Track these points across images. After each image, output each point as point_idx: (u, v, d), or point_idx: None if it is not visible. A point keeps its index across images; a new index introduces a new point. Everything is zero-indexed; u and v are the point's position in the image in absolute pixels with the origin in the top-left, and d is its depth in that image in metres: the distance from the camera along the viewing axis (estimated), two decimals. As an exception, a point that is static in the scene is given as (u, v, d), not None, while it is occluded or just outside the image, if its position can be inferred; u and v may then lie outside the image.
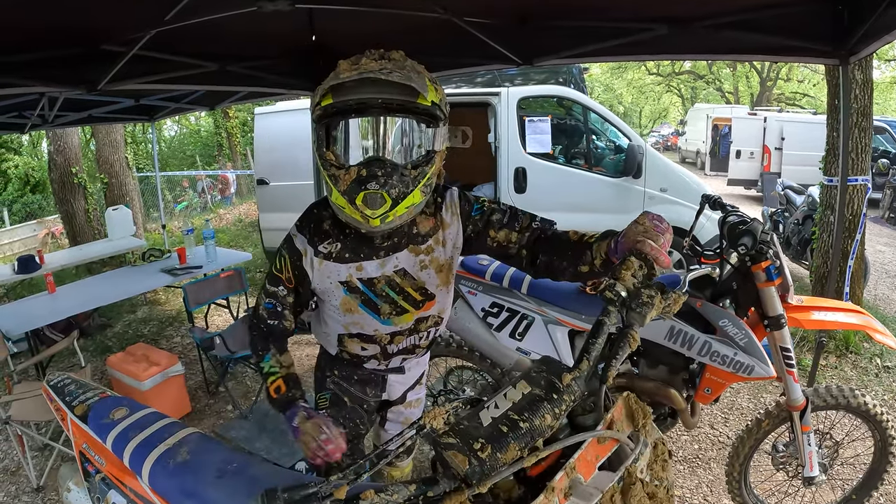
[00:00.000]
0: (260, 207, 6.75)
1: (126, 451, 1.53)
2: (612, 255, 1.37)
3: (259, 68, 3.88)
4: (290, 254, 1.61)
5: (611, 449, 1.07)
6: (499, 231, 1.61)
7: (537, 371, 1.01)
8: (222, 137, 18.34)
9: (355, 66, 1.40)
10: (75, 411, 1.74)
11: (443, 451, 0.90)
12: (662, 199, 5.63)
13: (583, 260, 1.45)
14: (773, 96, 24.77)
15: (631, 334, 1.06)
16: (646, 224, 1.26)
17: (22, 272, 5.56)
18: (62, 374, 1.98)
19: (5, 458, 3.68)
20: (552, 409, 0.93)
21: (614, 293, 1.09)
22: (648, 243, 1.20)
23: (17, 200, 15.98)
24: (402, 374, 1.98)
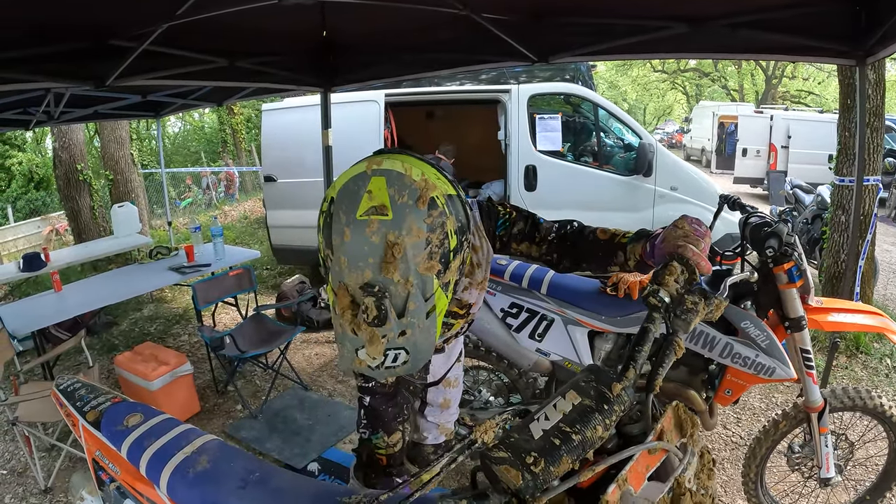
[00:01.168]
0: (267, 204, 6.70)
1: (142, 460, 1.48)
2: (648, 257, 1.38)
3: (269, 64, 3.85)
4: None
5: (660, 459, 1.06)
6: (520, 243, 1.63)
7: (586, 381, 0.99)
8: (226, 134, 18.29)
9: None
10: (87, 417, 1.69)
11: (494, 465, 0.88)
12: (673, 197, 5.60)
13: (614, 261, 1.46)
14: (778, 94, 24.72)
15: (676, 341, 1.05)
16: (685, 228, 1.28)
17: (27, 270, 5.53)
18: (72, 378, 1.93)
19: (12, 458, 3.64)
20: (603, 420, 0.92)
21: (658, 299, 1.08)
22: (690, 248, 1.21)
23: (21, 197, 16.01)
24: (443, 353, 2.01)
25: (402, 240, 1.13)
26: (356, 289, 1.15)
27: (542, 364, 2.70)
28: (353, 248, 1.13)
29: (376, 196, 1.15)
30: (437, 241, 1.18)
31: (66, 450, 3.29)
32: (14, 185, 16.48)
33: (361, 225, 1.13)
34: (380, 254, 1.13)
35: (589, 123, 6.19)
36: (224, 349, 3.94)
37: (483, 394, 2.96)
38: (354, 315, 1.16)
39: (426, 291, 1.18)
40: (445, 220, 1.20)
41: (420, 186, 1.18)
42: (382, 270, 1.13)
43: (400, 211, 1.14)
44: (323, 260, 1.25)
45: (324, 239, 1.21)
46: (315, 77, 4.32)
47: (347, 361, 1.23)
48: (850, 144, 5.11)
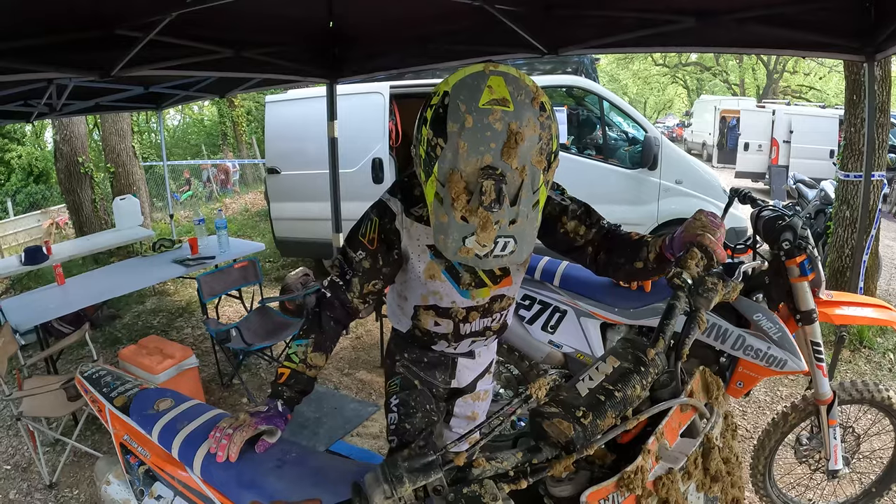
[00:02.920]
0: (270, 197, 6.68)
1: (175, 443, 1.49)
2: (667, 250, 1.44)
3: (275, 55, 3.82)
4: (381, 215, 1.60)
5: (690, 418, 1.18)
6: (571, 220, 1.62)
7: (623, 347, 1.11)
8: (227, 126, 18.25)
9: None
10: (115, 402, 1.69)
11: (546, 419, 0.98)
12: (677, 191, 5.57)
13: (639, 255, 1.52)
14: (779, 89, 24.71)
15: (699, 316, 1.18)
16: (703, 220, 1.38)
17: (29, 263, 5.50)
18: (97, 366, 1.92)
19: (16, 454, 3.63)
20: (640, 381, 1.03)
21: (682, 280, 1.21)
22: (707, 237, 1.32)
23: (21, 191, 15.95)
24: (472, 360, 1.97)
25: (523, 129, 1.20)
26: (474, 172, 1.21)
27: (554, 356, 2.68)
28: (474, 133, 1.19)
29: (497, 90, 1.22)
30: (545, 139, 1.26)
31: (70, 444, 3.28)
32: (14, 179, 16.46)
33: (484, 112, 1.20)
34: (502, 139, 1.19)
35: (593, 116, 6.17)
36: (230, 342, 3.92)
37: (493, 386, 2.94)
38: (468, 201, 1.22)
39: (535, 183, 1.26)
40: (551, 123, 1.29)
41: (533, 90, 1.27)
42: (503, 155, 1.20)
43: (520, 105, 1.22)
44: (425, 153, 1.29)
45: (431, 130, 1.26)
46: (321, 68, 4.29)
47: (452, 251, 1.28)
48: (855, 140, 5.11)
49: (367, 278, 1.62)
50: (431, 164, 1.27)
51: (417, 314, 1.78)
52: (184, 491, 1.51)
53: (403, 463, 0.97)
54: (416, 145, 1.37)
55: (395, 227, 1.59)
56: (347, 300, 1.64)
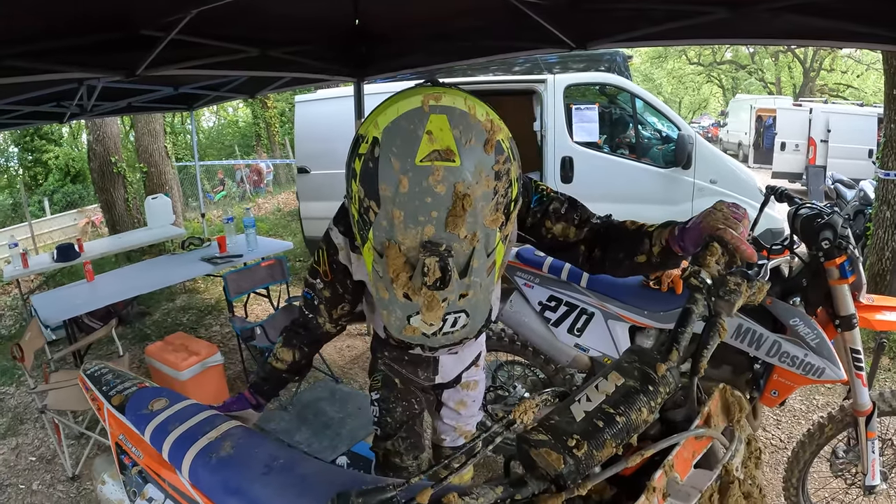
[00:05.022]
0: (300, 196, 6.70)
1: (165, 444, 1.45)
2: (675, 242, 1.27)
3: (300, 53, 3.78)
4: (328, 247, 1.52)
5: (706, 445, 1.00)
6: (556, 223, 1.46)
7: (629, 361, 0.94)
8: (260, 127, 18.47)
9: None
10: (112, 401, 1.66)
11: (533, 448, 0.82)
12: (712, 190, 5.42)
13: (640, 248, 1.35)
14: (816, 87, 24.16)
15: (720, 323, 1.01)
16: (724, 211, 1.19)
17: (61, 260, 5.60)
18: (99, 364, 1.91)
19: (41, 445, 3.69)
20: (648, 402, 0.87)
21: (700, 280, 1.03)
22: (729, 231, 1.13)
23: (58, 190, 16.31)
24: (455, 355, 1.90)
25: (472, 190, 0.99)
26: (413, 247, 1.02)
27: (580, 360, 2.60)
28: (411, 199, 0.98)
29: (438, 138, 0.98)
30: (502, 190, 1.05)
31: (94, 438, 3.29)
32: (51, 179, 16.83)
33: (423, 172, 0.97)
34: (446, 206, 0.98)
35: (625, 114, 6.04)
36: (255, 340, 3.91)
37: (518, 389, 2.87)
38: (409, 277, 1.04)
39: (489, 246, 1.07)
40: (510, 167, 1.06)
41: (486, 128, 1.02)
42: (448, 226, 0.99)
43: (468, 156, 0.99)
44: (358, 213, 1.08)
45: (362, 188, 1.04)
46: (347, 67, 4.25)
47: (397, 329, 1.13)
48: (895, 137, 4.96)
49: (333, 304, 1.59)
50: (366, 228, 1.07)
51: (389, 333, 1.75)
52: (173, 494, 1.47)
53: (358, 499, 0.82)
54: (346, 197, 1.15)
55: (339, 261, 1.50)
56: (319, 325, 1.64)
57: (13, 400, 4.39)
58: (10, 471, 3.46)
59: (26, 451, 3.66)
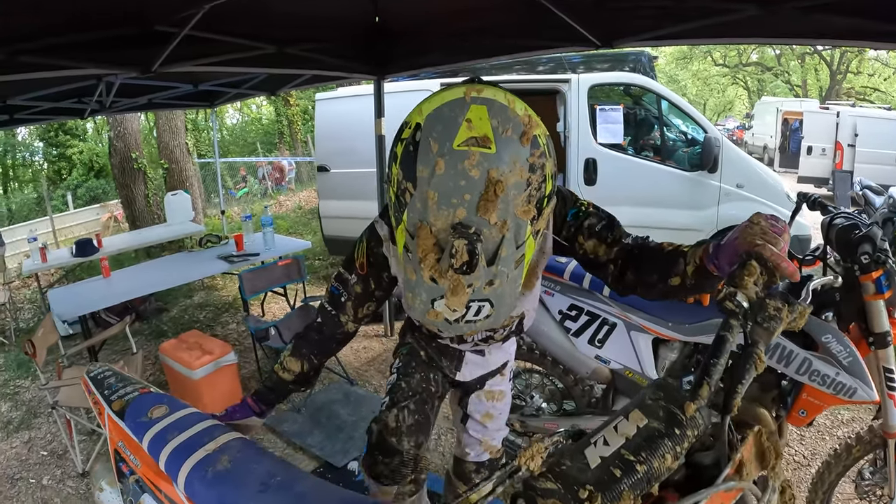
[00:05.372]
0: (320, 194, 6.68)
1: (162, 454, 1.41)
2: (709, 261, 1.18)
3: (319, 51, 3.73)
4: (369, 238, 1.49)
5: (737, 496, 0.91)
6: (588, 239, 1.41)
7: (653, 398, 0.84)
8: (283, 125, 18.56)
9: None
10: (113, 406, 1.63)
11: (540, 497, 0.74)
12: (738, 195, 5.28)
13: (674, 269, 1.26)
14: (842, 90, 23.77)
15: (757, 354, 0.89)
16: (762, 224, 1.08)
17: (80, 255, 5.60)
18: (104, 366, 1.88)
19: (53, 440, 3.68)
20: (673, 448, 0.78)
21: (736, 304, 0.93)
22: (768, 247, 1.03)
23: (82, 185, 16.46)
24: (481, 357, 1.88)
25: (505, 177, 1.00)
26: (444, 229, 1.02)
27: (601, 372, 2.49)
28: (446, 181, 1.00)
29: (477, 126, 1.01)
30: (536, 183, 1.05)
31: (105, 435, 3.26)
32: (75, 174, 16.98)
33: (459, 156, 1.00)
34: (479, 190, 1.00)
35: (650, 116, 5.92)
36: (269, 340, 3.86)
37: (535, 399, 2.78)
38: (437, 260, 1.04)
39: (519, 238, 1.07)
40: (545, 162, 1.08)
41: (524, 122, 1.04)
42: (479, 210, 1.00)
43: (504, 145, 1.01)
44: (395, 196, 1.11)
45: (401, 170, 1.07)
46: (367, 64, 4.20)
47: (420, 312, 1.12)
48: None
49: (360, 302, 1.57)
50: (401, 210, 1.09)
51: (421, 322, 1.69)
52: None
53: None
54: (386, 182, 1.18)
55: (381, 252, 1.47)
56: (340, 324, 1.60)
57: (28, 394, 4.40)
58: (22, 465, 3.44)
59: (38, 445, 3.65)
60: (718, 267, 1.16)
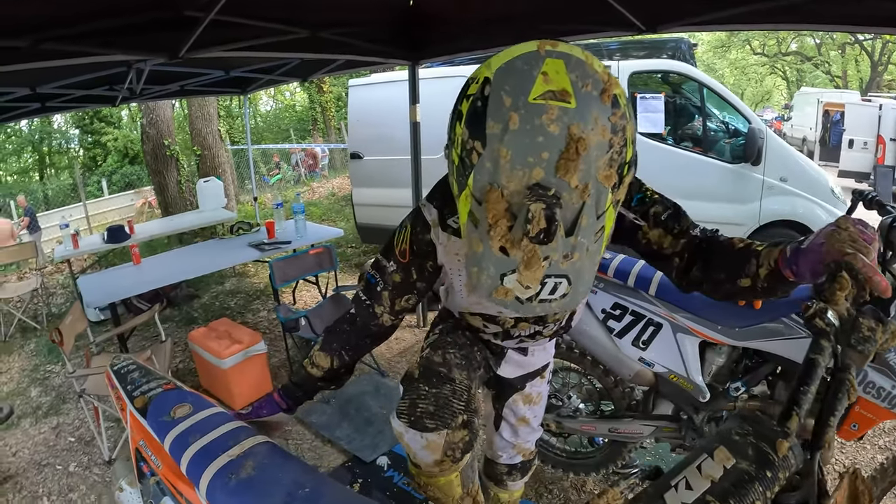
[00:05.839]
0: (353, 182, 6.63)
1: (184, 457, 1.34)
2: (786, 266, 1.09)
3: (353, 35, 3.64)
4: (414, 224, 1.37)
5: None
6: (653, 228, 1.30)
7: (741, 433, 0.73)
8: (316, 112, 18.63)
9: None
10: (135, 403, 1.56)
11: None
12: (782, 189, 5.08)
13: (745, 270, 1.17)
14: (884, 82, 23.09)
15: (850, 380, 0.80)
16: (850, 230, 0.98)
17: (111, 241, 5.63)
18: (128, 359, 1.81)
19: (81, 426, 3.68)
20: (764, 493, 0.67)
21: (827, 322, 0.82)
22: (860, 257, 0.93)
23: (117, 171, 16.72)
24: (523, 356, 1.75)
25: (587, 135, 0.89)
26: (518, 191, 0.91)
27: (644, 375, 2.36)
28: (521, 138, 0.89)
29: (554, 79, 0.90)
30: (617, 146, 0.94)
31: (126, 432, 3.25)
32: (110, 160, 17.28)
33: (536, 110, 0.88)
34: (559, 148, 0.89)
35: (690, 105, 5.72)
36: (299, 330, 3.80)
37: (573, 399, 2.67)
38: (509, 228, 0.93)
39: (600, 206, 0.95)
40: (626, 125, 0.95)
41: (603, 79, 0.93)
42: (559, 170, 0.89)
43: (584, 101, 0.90)
44: (458, 159, 0.99)
45: (467, 129, 0.96)
46: (402, 49, 4.10)
47: (487, 290, 1.00)
48: None
49: (399, 293, 1.43)
50: (466, 173, 0.97)
51: (463, 316, 1.61)
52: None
53: None
54: (448, 146, 1.06)
55: (428, 239, 1.36)
56: (375, 316, 1.46)
57: (58, 379, 4.42)
58: (50, 451, 3.45)
59: (66, 431, 3.65)
60: (797, 273, 1.07)
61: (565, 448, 2.88)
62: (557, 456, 2.84)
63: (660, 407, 2.45)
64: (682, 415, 2.35)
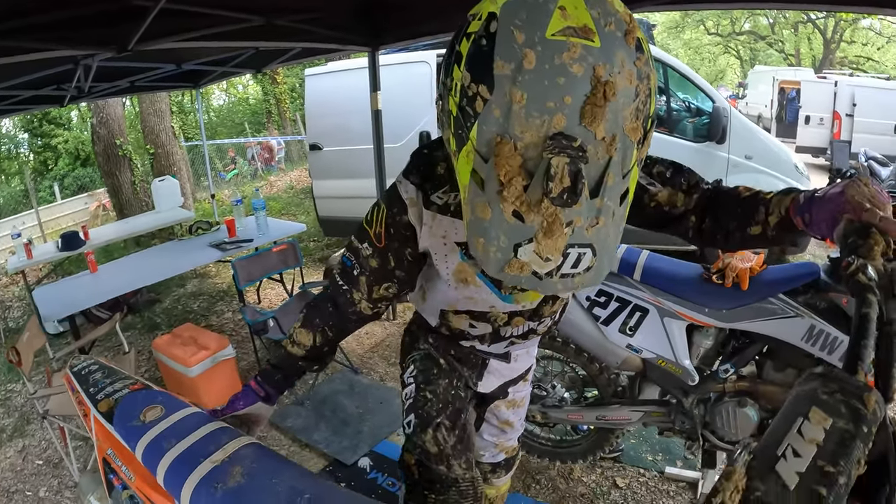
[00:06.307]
0: (313, 174, 6.47)
1: (160, 467, 1.18)
2: (798, 213, 1.05)
3: (310, 22, 3.50)
4: (390, 204, 1.19)
5: None
6: (661, 189, 1.21)
7: (828, 392, 0.67)
8: (271, 104, 18.23)
9: None
10: (99, 407, 1.39)
11: None
12: (747, 166, 5.17)
13: (755, 218, 1.12)
14: (836, 59, 23.64)
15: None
16: (870, 189, 0.95)
17: (66, 249, 5.30)
18: (89, 359, 1.63)
19: (48, 448, 3.46)
20: (864, 449, 0.62)
21: (868, 277, 0.80)
22: (880, 214, 0.90)
23: (69, 174, 16.17)
24: (506, 363, 1.59)
25: (615, 78, 0.76)
26: (536, 143, 0.77)
27: (632, 362, 2.31)
28: (539, 79, 0.75)
29: (573, 15, 0.76)
30: (643, 96, 0.81)
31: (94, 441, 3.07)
32: (61, 163, 16.70)
33: (556, 46, 0.75)
34: (584, 91, 0.75)
35: (654, 85, 5.72)
36: (268, 332, 3.66)
37: (557, 389, 2.60)
38: (525, 187, 0.79)
39: (625, 164, 0.82)
40: (650, 73, 0.83)
41: (626, 19, 0.80)
42: (584, 117, 0.75)
43: (609, 40, 0.77)
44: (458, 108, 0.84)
45: (468, 73, 0.81)
46: (361, 36, 3.97)
47: (498, 264, 0.86)
48: None
49: (377, 280, 1.26)
50: (467, 124, 0.82)
51: (446, 316, 1.41)
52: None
53: None
54: (441, 95, 0.91)
55: (406, 221, 1.18)
56: (353, 303, 1.31)
57: (20, 398, 4.17)
58: (17, 476, 3.25)
59: (33, 454, 3.45)
60: (811, 222, 1.02)
61: (550, 437, 2.84)
62: (543, 445, 2.79)
63: (646, 392, 2.42)
64: (671, 398, 2.32)
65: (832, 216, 0.97)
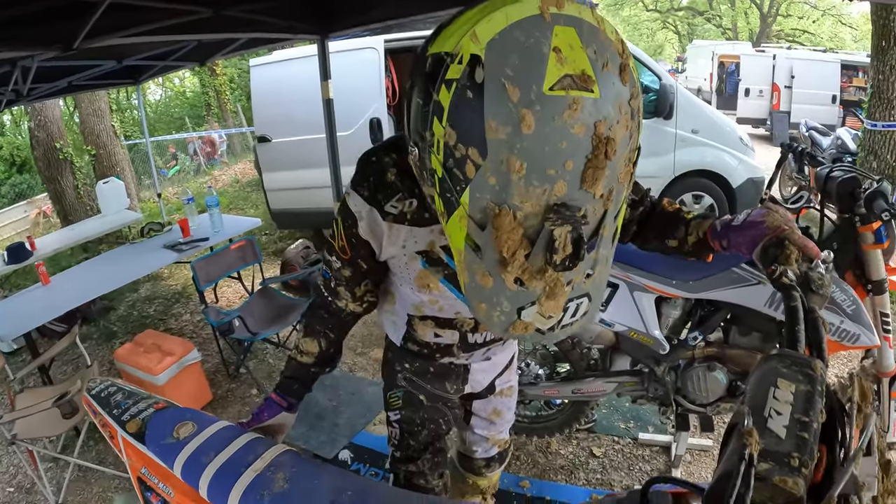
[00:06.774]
0: (262, 167, 6.29)
1: (203, 480, 1.21)
2: (715, 238, 1.21)
3: (259, 11, 3.41)
4: (344, 217, 1.17)
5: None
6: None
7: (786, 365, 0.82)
8: (210, 96, 17.72)
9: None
10: (127, 428, 1.40)
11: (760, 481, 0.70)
12: (694, 140, 5.35)
13: (674, 234, 1.29)
14: (772, 33, 24.34)
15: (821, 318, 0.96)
16: (781, 212, 1.15)
17: (13, 262, 5.02)
18: (105, 381, 1.62)
19: (18, 473, 3.30)
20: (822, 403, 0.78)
21: (790, 279, 1.03)
22: (795, 231, 1.10)
23: (5, 182, 15.53)
24: (488, 362, 1.60)
25: (615, 132, 0.72)
26: (535, 213, 0.74)
27: (604, 336, 2.40)
28: (539, 145, 0.70)
29: (570, 58, 0.70)
30: (636, 135, 0.79)
31: (73, 462, 2.96)
32: (-4, 171, 16.03)
33: (555, 105, 0.69)
34: (584, 154, 0.71)
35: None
36: (234, 332, 3.59)
37: (531, 367, 2.65)
38: (526, 256, 0.77)
39: (617, 208, 0.83)
40: (639, 104, 0.80)
41: (618, 50, 0.75)
42: (585, 181, 0.72)
43: (606, 86, 0.72)
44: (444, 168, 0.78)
45: (454, 130, 0.74)
46: (310, 24, 3.89)
47: (501, 326, 0.86)
48: (884, 88, 5.27)
49: (353, 284, 1.31)
50: (457, 188, 0.78)
51: (412, 324, 1.40)
52: None
53: None
54: (417, 144, 0.85)
55: (359, 235, 1.17)
56: (341, 309, 1.37)
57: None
58: (-12, 506, 3.11)
59: (3, 481, 3.28)
60: (729, 245, 1.18)
61: (526, 413, 2.91)
62: (520, 422, 2.85)
63: (617, 363, 2.51)
64: (643, 368, 2.43)
65: (752, 241, 1.13)
